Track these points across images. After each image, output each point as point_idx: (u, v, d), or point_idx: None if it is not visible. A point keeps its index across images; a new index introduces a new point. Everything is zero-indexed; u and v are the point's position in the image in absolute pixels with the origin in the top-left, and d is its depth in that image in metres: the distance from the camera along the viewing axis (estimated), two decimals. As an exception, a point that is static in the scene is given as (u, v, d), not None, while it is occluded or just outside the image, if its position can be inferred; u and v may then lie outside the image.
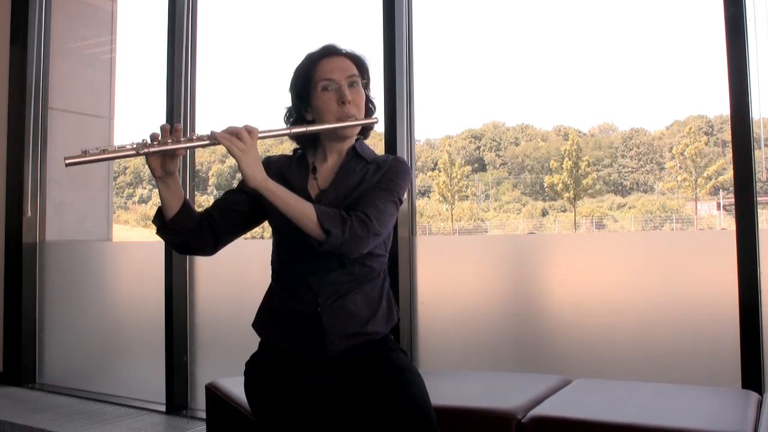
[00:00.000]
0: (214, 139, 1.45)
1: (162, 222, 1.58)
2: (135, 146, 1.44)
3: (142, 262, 3.88)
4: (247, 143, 1.45)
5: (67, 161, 1.41)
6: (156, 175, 1.52)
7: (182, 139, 1.47)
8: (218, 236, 1.64)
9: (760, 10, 2.36)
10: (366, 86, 1.69)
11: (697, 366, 2.37)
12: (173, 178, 1.54)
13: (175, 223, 1.57)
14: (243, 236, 1.73)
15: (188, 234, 1.59)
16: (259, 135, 1.49)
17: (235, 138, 1.45)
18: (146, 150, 1.44)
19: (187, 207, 1.58)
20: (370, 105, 1.73)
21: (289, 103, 1.71)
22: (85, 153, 1.41)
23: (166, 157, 1.49)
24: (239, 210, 1.65)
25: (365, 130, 1.73)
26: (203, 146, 1.48)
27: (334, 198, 1.61)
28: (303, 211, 1.48)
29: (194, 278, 3.53)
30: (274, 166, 1.69)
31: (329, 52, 1.66)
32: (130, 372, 3.79)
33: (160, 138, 1.47)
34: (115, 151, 1.44)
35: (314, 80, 1.62)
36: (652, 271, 2.54)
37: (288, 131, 1.58)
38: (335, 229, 1.47)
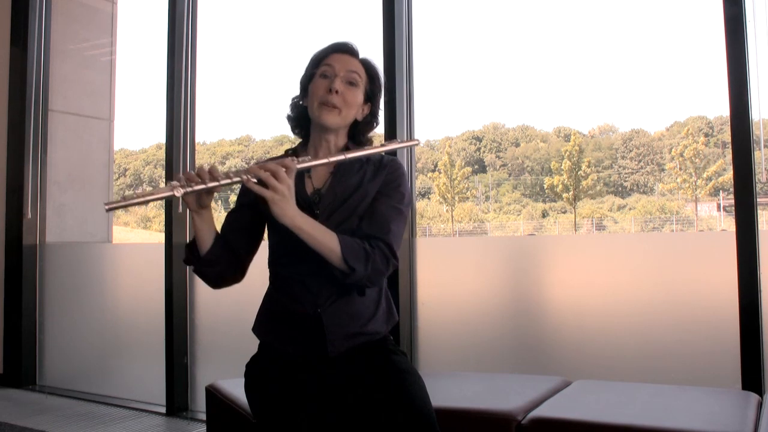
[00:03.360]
0: (248, 181, 1.44)
1: (197, 257, 1.59)
2: (172, 187, 1.44)
3: (142, 264, 3.88)
4: (283, 182, 1.44)
5: (107, 207, 1.44)
6: (191, 209, 1.53)
7: (219, 177, 1.46)
8: (240, 257, 1.64)
9: (760, 11, 2.36)
10: (371, 98, 1.69)
11: (697, 367, 2.37)
12: (207, 210, 1.55)
13: (212, 254, 1.58)
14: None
15: (223, 264, 1.60)
16: (298, 167, 1.49)
17: (271, 177, 1.43)
18: (184, 191, 1.44)
19: (219, 236, 1.59)
20: (374, 120, 1.73)
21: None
22: (123, 198, 1.43)
23: (202, 193, 1.50)
24: (245, 225, 1.65)
25: (357, 135, 1.72)
26: (236, 183, 1.47)
27: (333, 199, 1.61)
28: (329, 246, 1.49)
29: (194, 280, 3.53)
30: None
31: (344, 48, 1.67)
32: (130, 374, 3.79)
33: (195, 177, 1.46)
34: (152, 194, 1.45)
35: (318, 67, 1.64)
36: (652, 272, 2.55)
37: (327, 161, 1.55)
38: (359, 266, 1.49)
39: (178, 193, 1.43)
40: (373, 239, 1.54)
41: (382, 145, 1.58)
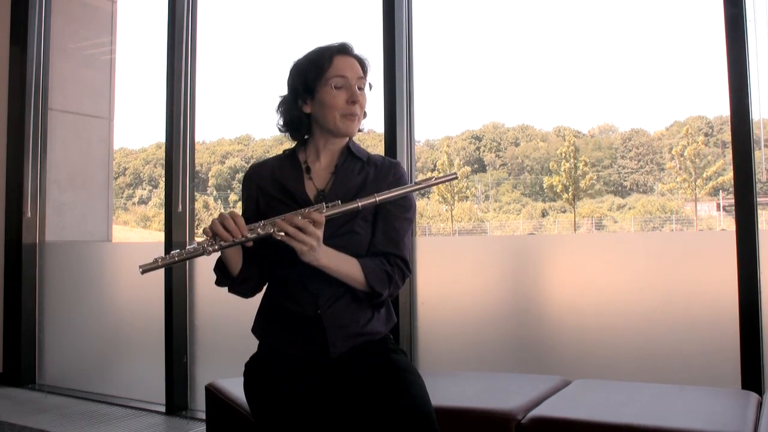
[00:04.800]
0: (277, 236, 1.46)
1: (231, 279, 1.61)
2: (202, 247, 1.47)
3: (142, 263, 3.87)
4: (311, 236, 1.45)
5: (142, 269, 1.50)
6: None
7: (246, 232, 1.47)
8: (263, 261, 1.66)
9: (760, 11, 2.36)
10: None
11: (697, 367, 2.37)
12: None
13: (245, 271, 1.61)
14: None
15: (255, 276, 1.65)
16: (326, 215, 1.49)
17: (300, 233, 1.45)
18: (214, 248, 1.47)
19: (244, 255, 1.61)
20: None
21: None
22: (157, 260, 1.49)
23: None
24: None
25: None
26: (263, 237, 1.48)
27: (336, 199, 1.60)
28: (355, 278, 1.56)
29: (194, 279, 3.53)
30: (265, 172, 1.69)
31: (345, 50, 1.66)
32: (129, 372, 3.79)
33: (223, 233, 1.47)
34: (184, 254, 1.49)
35: (327, 75, 1.62)
36: (651, 271, 2.55)
37: (356, 205, 1.51)
38: (384, 290, 1.58)
39: (209, 254, 1.48)
40: (391, 257, 1.61)
41: (416, 184, 1.56)
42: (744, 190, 2.24)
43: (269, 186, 1.67)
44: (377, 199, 1.52)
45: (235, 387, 1.96)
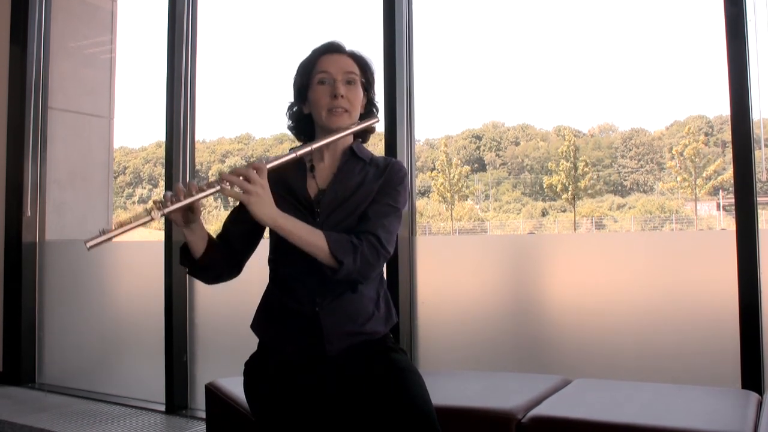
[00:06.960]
0: (223, 189, 1.45)
1: (192, 261, 1.59)
2: (149, 211, 1.43)
3: (142, 262, 3.88)
4: (255, 183, 1.45)
5: (89, 245, 1.42)
6: (180, 225, 1.52)
7: (195, 191, 1.46)
8: (237, 255, 1.66)
9: (760, 10, 2.36)
10: (368, 88, 1.70)
11: (697, 366, 2.37)
12: (197, 223, 1.55)
13: (207, 258, 1.59)
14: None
15: (219, 267, 1.62)
16: (268, 167, 1.49)
17: (244, 181, 1.44)
18: (162, 212, 1.43)
19: (212, 243, 1.60)
20: (373, 108, 1.73)
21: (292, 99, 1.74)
22: (102, 232, 1.41)
23: (187, 210, 1.49)
24: (246, 223, 1.62)
25: (365, 134, 1.74)
26: (213, 194, 1.47)
27: (333, 198, 1.61)
28: (315, 243, 1.50)
29: (194, 278, 3.53)
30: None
31: (331, 48, 1.68)
32: (129, 372, 3.79)
33: (171, 197, 1.45)
34: (131, 221, 1.43)
35: (312, 74, 1.65)
36: (651, 271, 2.55)
37: (294, 155, 1.56)
38: (347, 258, 1.50)
39: (156, 215, 1.42)
40: (363, 233, 1.55)
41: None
42: (744, 189, 2.24)
43: (273, 183, 1.67)
44: (312, 147, 1.58)
45: (235, 386, 1.96)
